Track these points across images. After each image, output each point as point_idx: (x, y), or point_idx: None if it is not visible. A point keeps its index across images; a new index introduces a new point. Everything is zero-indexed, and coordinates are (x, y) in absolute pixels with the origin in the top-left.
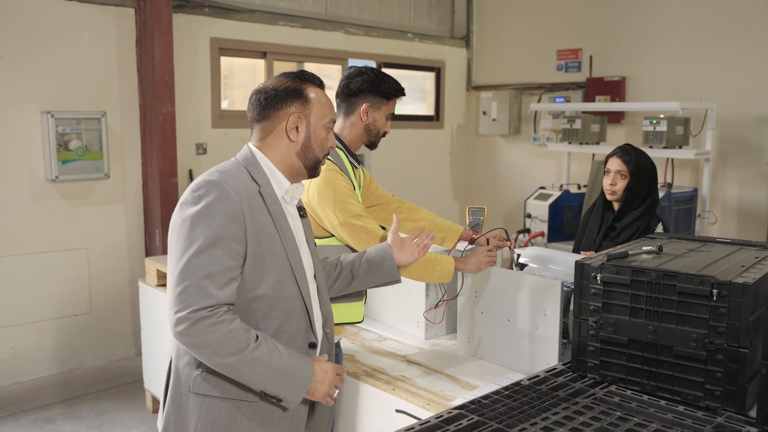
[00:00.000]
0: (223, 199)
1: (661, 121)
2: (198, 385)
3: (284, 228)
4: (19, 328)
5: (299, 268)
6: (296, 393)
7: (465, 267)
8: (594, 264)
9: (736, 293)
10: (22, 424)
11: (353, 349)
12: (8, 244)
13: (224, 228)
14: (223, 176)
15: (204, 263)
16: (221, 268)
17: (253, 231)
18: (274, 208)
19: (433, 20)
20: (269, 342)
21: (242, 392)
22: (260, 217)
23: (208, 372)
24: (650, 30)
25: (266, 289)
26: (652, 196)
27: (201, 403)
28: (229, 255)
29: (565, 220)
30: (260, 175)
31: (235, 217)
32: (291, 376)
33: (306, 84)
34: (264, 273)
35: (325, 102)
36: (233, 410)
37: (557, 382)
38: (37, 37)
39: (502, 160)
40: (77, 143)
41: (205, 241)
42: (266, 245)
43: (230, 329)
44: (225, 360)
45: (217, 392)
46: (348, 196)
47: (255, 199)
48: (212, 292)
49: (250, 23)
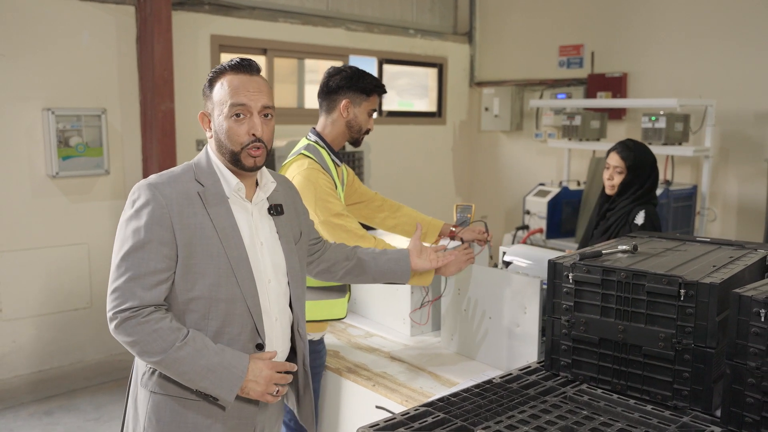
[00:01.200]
0: (150, 203)
1: (660, 118)
2: (146, 381)
3: (226, 228)
4: (21, 322)
5: (243, 269)
6: (228, 391)
7: (445, 271)
8: (566, 263)
9: (703, 293)
10: (21, 416)
11: (339, 345)
12: (10, 239)
13: (150, 231)
14: (157, 179)
15: (131, 265)
16: (147, 270)
17: (184, 233)
18: (217, 208)
19: (436, 16)
20: (198, 341)
21: (185, 391)
22: (193, 219)
23: (152, 371)
24: (652, 26)
25: (202, 291)
26: (643, 187)
27: (149, 398)
28: (155, 258)
29: (563, 217)
30: (207, 176)
31: (161, 220)
32: (220, 374)
33: (222, 75)
34: (198, 275)
35: (230, 86)
36: (177, 407)
37: (529, 380)
38: (39, 34)
39: (504, 156)
40: (77, 140)
41: (133, 244)
42: (200, 247)
43: (156, 329)
44: (152, 358)
45: (162, 389)
46: (328, 194)
47: (189, 201)
48: (137, 293)
49: (251, 20)
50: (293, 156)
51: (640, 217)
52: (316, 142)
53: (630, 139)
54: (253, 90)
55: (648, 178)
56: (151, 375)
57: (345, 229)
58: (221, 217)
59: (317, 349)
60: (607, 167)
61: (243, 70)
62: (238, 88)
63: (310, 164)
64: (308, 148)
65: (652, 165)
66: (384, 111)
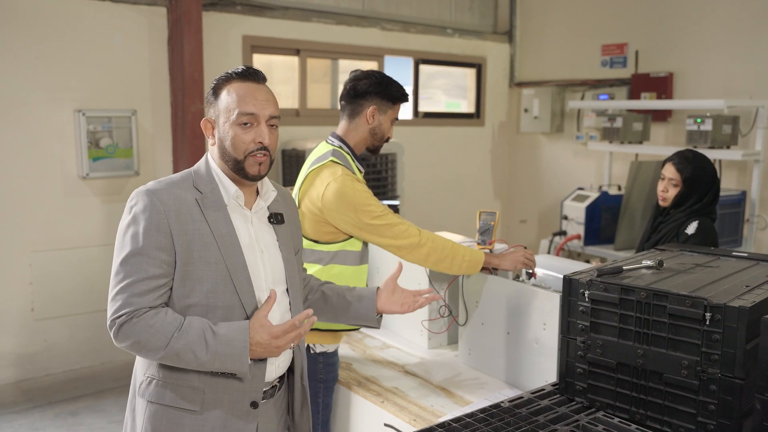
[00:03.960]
0: (147, 209)
1: (706, 120)
2: (143, 390)
3: (225, 235)
4: (52, 322)
5: (241, 276)
6: (239, 365)
7: (500, 263)
8: (582, 280)
9: (731, 318)
10: (47, 416)
11: (353, 357)
12: (42, 239)
13: (147, 237)
14: (155, 185)
15: (129, 272)
16: (144, 276)
17: (182, 239)
18: (215, 215)
19: (475, 15)
20: (195, 326)
21: (183, 401)
22: (192, 225)
23: (152, 378)
24: (699, 23)
25: (199, 298)
26: (701, 201)
27: (146, 407)
28: (152, 263)
29: (602, 223)
30: (206, 183)
31: (159, 226)
32: (225, 353)
33: (228, 82)
34: (196, 281)
35: (238, 94)
36: (175, 418)
37: (540, 405)
38: (71, 37)
39: (544, 159)
40: (108, 141)
41: (130, 251)
42: (198, 253)
43: (151, 324)
44: (156, 354)
45: (159, 399)
46: (368, 198)
47: (187, 207)
48: (133, 299)
49: (283, 20)
50: (321, 162)
51: (691, 227)
52: (340, 147)
53: (690, 150)
54: (261, 99)
55: (707, 192)
56: (148, 384)
57: (390, 226)
58: (219, 223)
59: (331, 361)
60: (662, 178)
61: (250, 78)
62: (246, 96)
63: (343, 171)
64: (335, 154)
65: (712, 178)
66: (420, 112)
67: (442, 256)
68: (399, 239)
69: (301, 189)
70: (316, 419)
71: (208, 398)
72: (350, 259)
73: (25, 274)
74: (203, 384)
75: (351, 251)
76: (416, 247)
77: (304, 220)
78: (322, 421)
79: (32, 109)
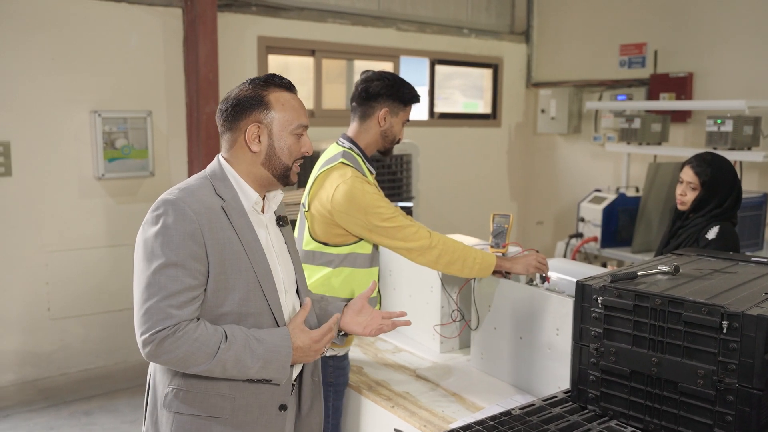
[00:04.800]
0: (179, 219)
1: (726, 121)
2: (169, 402)
3: (251, 242)
4: (68, 321)
5: (268, 282)
6: (282, 373)
7: (512, 266)
8: (595, 285)
9: (749, 326)
10: (61, 415)
11: (364, 360)
12: (58, 239)
13: (182, 248)
14: (181, 194)
15: (164, 284)
16: (181, 287)
17: (215, 249)
18: (240, 222)
19: (492, 15)
20: (239, 336)
21: (213, 409)
22: (222, 234)
23: (179, 389)
24: (720, 22)
25: (232, 306)
26: (722, 206)
27: (173, 419)
28: (188, 274)
29: (620, 225)
30: (226, 189)
31: (193, 236)
32: (270, 361)
33: (269, 90)
34: (229, 290)
35: (292, 106)
36: (203, 427)
37: (552, 413)
38: (87, 38)
39: (561, 160)
40: (123, 142)
41: (164, 262)
42: (230, 262)
43: (196, 338)
44: (200, 367)
45: (187, 409)
46: (378, 200)
47: (216, 216)
48: (173, 312)
49: (299, 21)
50: (331, 164)
51: (712, 232)
52: (350, 149)
53: (709, 153)
54: (305, 112)
55: (727, 196)
56: (174, 396)
57: (401, 229)
58: (245, 230)
59: (341, 365)
60: (680, 182)
61: (294, 90)
62: (299, 108)
63: (353, 173)
64: (345, 156)
65: (732, 182)
66: (435, 113)
67: (453, 258)
68: (409, 241)
69: (311, 191)
70: (326, 423)
71: (238, 404)
72: (360, 261)
73: (42, 274)
74: (233, 391)
75: (361, 254)
76: (427, 249)
77: (314, 222)
78: (332, 424)
79: (48, 110)
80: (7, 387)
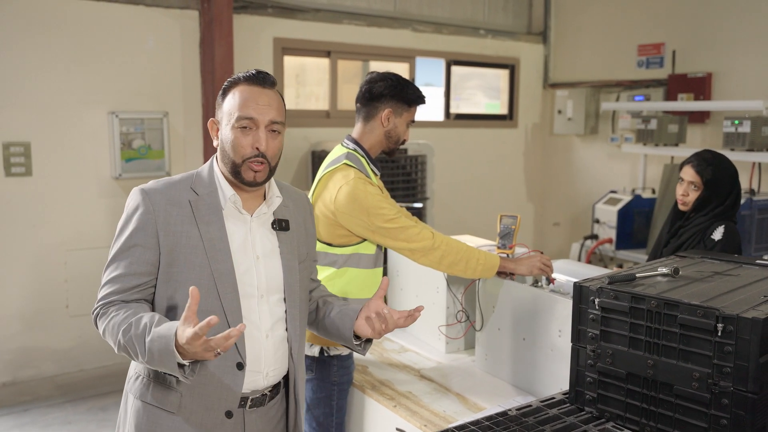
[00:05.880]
0: (139, 208)
1: (744, 122)
2: (131, 385)
3: (215, 239)
4: (86, 319)
5: (227, 282)
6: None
7: (516, 268)
8: (592, 287)
9: (744, 329)
10: (79, 410)
11: (369, 360)
12: (76, 238)
13: (135, 235)
14: (153, 185)
15: (115, 267)
16: (125, 272)
17: (167, 240)
18: (207, 218)
19: (509, 15)
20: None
21: (163, 401)
22: (180, 227)
23: (138, 374)
24: (739, 22)
25: (181, 299)
26: (724, 204)
27: (133, 403)
28: (137, 261)
29: (635, 227)
30: (205, 185)
31: (146, 226)
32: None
33: (236, 85)
34: (179, 284)
35: (241, 97)
36: (154, 417)
37: (548, 414)
38: (106, 41)
39: (578, 161)
40: (140, 142)
41: (119, 248)
42: (183, 255)
43: (111, 318)
44: (115, 348)
45: (142, 396)
46: (380, 201)
47: (178, 210)
48: (111, 294)
49: (314, 22)
50: (335, 165)
51: (718, 232)
52: (354, 150)
53: (708, 151)
54: (262, 103)
55: (729, 195)
56: (135, 380)
57: (403, 229)
58: (211, 227)
59: (345, 364)
60: (680, 181)
61: (257, 82)
62: (248, 100)
63: (356, 174)
64: (349, 157)
65: (733, 180)
66: (452, 114)
67: (456, 259)
68: (412, 242)
69: (315, 192)
70: (330, 422)
71: (185, 401)
72: (364, 262)
73: (61, 272)
74: (181, 387)
75: (365, 254)
76: (430, 250)
77: (318, 223)
78: (336, 423)
79: (67, 111)
80: (27, 382)
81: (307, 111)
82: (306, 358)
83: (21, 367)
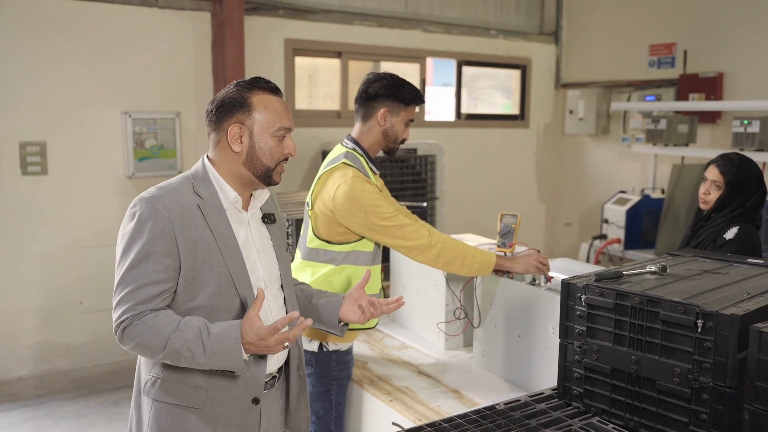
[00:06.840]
0: (152, 216)
1: (753, 122)
2: (149, 389)
3: (226, 239)
4: (100, 315)
5: (242, 278)
6: (234, 361)
7: (512, 266)
8: (579, 284)
9: (723, 326)
10: (91, 404)
11: (369, 356)
12: (90, 236)
13: (153, 244)
14: (157, 192)
15: (134, 277)
16: (149, 281)
17: (186, 245)
18: (216, 220)
19: (521, 16)
20: (192, 328)
21: (188, 399)
22: (195, 231)
23: (157, 377)
24: (751, 21)
25: (202, 301)
26: (744, 206)
27: (152, 406)
28: (157, 269)
29: (644, 227)
30: (205, 188)
31: (164, 233)
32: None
33: (253, 92)
34: (200, 285)
35: (275, 108)
36: (179, 415)
37: (536, 408)
38: (120, 42)
39: (589, 161)
40: (152, 142)
41: (135, 257)
42: (202, 258)
43: (151, 326)
44: (157, 355)
45: (164, 397)
46: (377, 200)
47: (190, 213)
48: (138, 303)
49: (325, 23)
50: (334, 164)
51: (730, 232)
52: (353, 150)
53: (735, 153)
54: (289, 115)
55: (751, 197)
56: (153, 383)
57: (400, 227)
58: (220, 228)
59: (344, 359)
60: (704, 180)
61: (277, 92)
62: (282, 111)
63: (354, 173)
64: (348, 156)
65: (757, 183)
66: (462, 114)
67: (453, 257)
68: (409, 240)
69: (314, 190)
70: (329, 415)
71: (212, 396)
72: (362, 259)
73: (75, 269)
74: (206, 383)
75: (363, 251)
76: (426, 248)
77: (317, 220)
78: (335, 417)
79: (82, 112)
80: (42, 377)
81: (318, 111)
82: (305, 353)
83: (37, 362)
